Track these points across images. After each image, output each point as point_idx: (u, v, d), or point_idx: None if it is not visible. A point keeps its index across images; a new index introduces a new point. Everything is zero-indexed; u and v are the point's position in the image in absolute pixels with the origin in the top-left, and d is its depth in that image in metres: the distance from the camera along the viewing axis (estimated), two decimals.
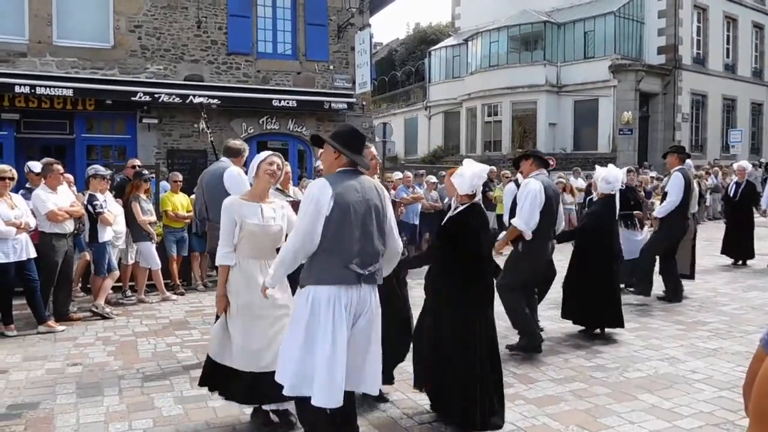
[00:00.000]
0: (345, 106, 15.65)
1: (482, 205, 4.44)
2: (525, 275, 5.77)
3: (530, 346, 5.66)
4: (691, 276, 8.77)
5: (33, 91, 12.36)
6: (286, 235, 3.86)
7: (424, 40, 38.54)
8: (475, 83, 28.26)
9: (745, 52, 29.87)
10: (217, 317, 4.03)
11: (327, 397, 3.23)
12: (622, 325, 6.30)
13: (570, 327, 6.59)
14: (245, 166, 5.22)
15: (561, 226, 6.31)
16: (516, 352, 5.67)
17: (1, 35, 12.71)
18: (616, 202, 6.63)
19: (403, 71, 38.05)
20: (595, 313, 6.30)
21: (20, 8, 12.87)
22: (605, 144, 25.15)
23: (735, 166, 12.02)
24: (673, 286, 8.08)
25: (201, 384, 4.10)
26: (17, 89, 12.26)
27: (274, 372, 3.55)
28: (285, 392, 3.36)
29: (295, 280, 3.53)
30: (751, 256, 10.95)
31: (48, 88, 12.45)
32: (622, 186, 6.92)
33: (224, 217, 3.90)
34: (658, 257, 8.13)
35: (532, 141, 26.23)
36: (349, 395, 3.40)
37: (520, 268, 5.72)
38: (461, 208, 4.26)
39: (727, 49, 29.08)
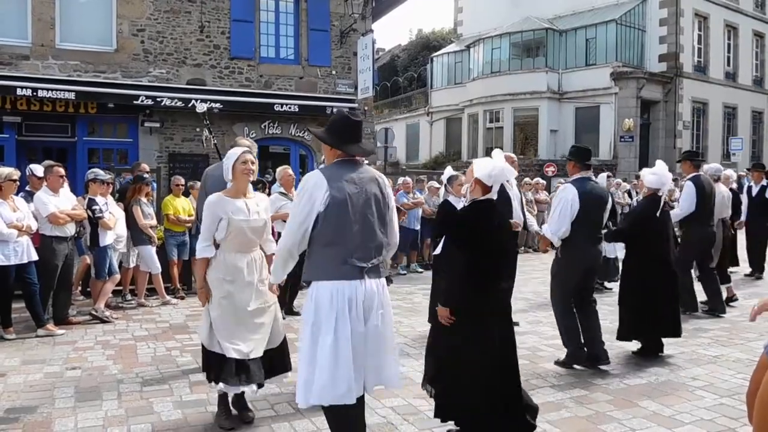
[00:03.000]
0: (347, 111, 15.63)
1: (494, 204, 3.99)
2: (570, 284, 5.58)
3: (572, 362, 5.54)
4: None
5: (35, 93, 12.39)
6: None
7: (426, 46, 38.57)
8: (476, 89, 28.30)
9: (745, 61, 29.92)
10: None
11: (332, 394, 3.12)
12: (679, 335, 6.02)
13: None
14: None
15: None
16: (564, 367, 5.56)
17: (4, 38, 12.74)
18: (661, 202, 6.02)
19: (405, 77, 38.10)
20: (656, 326, 5.91)
21: (23, 11, 12.90)
22: (606, 151, 25.17)
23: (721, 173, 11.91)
24: (712, 296, 7.83)
25: (205, 370, 4.27)
26: (19, 92, 12.29)
27: (258, 358, 4.03)
28: (300, 405, 3.29)
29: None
30: (735, 263, 10.95)
31: (50, 91, 12.47)
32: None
33: (207, 213, 4.03)
34: (694, 268, 7.95)
35: (534, 147, 26.27)
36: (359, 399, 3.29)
37: (563, 278, 5.59)
38: (469, 202, 3.99)
39: (728, 58, 29.13)
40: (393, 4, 18.68)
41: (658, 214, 5.94)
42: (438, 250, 5.68)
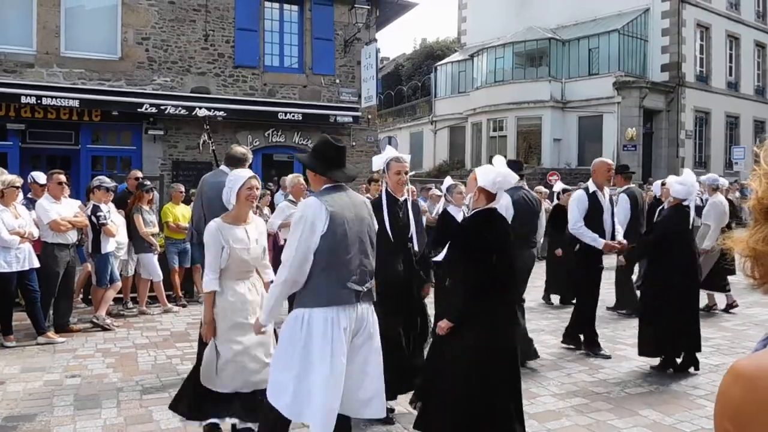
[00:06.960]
0: (351, 119, 15.71)
1: (497, 212, 3.90)
2: None
3: None
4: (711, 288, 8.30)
5: (39, 101, 12.48)
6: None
7: (430, 55, 38.66)
8: (480, 98, 28.34)
9: (747, 71, 29.91)
10: (204, 344, 3.91)
11: (322, 424, 3.08)
12: (699, 349, 5.74)
13: None
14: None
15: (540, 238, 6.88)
16: None
17: (9, 46, 12.83)
18: (689, 213, 5.88)
19: (409, 86, 38.17)
20: (678, 340, 5.69)
21: (28, 19, 13.01)
22: (609, 160, 25.13)
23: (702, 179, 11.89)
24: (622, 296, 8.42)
25: (189, 415, 3.96)
26: (23, 100, 12.38)
27: (253, 392, 3.77)
28: (286, 415, 3.23)
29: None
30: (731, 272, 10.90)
31: (54, 99, 12.55)
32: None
33: (211, 243, 3.81)
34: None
35: (537, 156, 26.27)
36: (344, 419, 3.30)
37: None
38: (474, 212, 3.84)
39: (730, 67, 29.12)
40: (397, 14, 18.76)
41: (690, 226, 5.84)
42: (439, 257, 5.55)
